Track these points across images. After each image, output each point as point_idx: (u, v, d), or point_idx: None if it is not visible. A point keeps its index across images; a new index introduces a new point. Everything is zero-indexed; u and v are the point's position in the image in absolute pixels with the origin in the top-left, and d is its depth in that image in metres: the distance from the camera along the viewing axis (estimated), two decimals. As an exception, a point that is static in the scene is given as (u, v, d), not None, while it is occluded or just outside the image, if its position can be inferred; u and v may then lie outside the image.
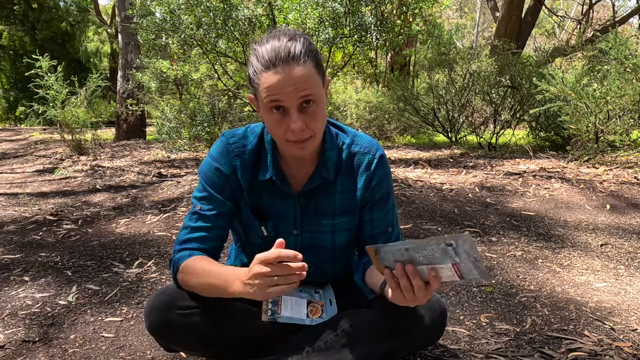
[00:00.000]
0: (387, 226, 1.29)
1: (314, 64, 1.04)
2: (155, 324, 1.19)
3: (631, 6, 21.49)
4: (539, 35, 22.01)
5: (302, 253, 1.29)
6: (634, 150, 4.43)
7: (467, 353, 1.50)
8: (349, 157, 1.24)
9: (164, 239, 2.72)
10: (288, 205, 1.24)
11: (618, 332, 1.62)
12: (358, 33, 5.02)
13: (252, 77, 1.07)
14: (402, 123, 7.91)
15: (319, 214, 1.25)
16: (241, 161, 1.21)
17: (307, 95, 1.03)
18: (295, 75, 1.01)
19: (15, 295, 2.00)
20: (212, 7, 4.90)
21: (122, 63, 8.66)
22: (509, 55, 6.59)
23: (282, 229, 1.26)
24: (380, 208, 1.27)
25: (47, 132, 11.26)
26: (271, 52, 1.02)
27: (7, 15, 17.10)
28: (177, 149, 6.03)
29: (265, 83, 1.03)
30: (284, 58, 1.01)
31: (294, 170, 1.23)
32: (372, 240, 1.28)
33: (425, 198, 3.43)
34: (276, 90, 1.02)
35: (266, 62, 1.02)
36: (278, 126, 1.06)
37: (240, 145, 1.21)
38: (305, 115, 1.05)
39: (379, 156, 1.24)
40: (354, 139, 1.26)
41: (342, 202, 1.25)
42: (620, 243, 2.54)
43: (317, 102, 1.06)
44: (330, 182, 1.23)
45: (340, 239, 1.30)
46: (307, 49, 1.04)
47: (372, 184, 1.24)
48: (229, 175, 1.21)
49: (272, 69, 1.01)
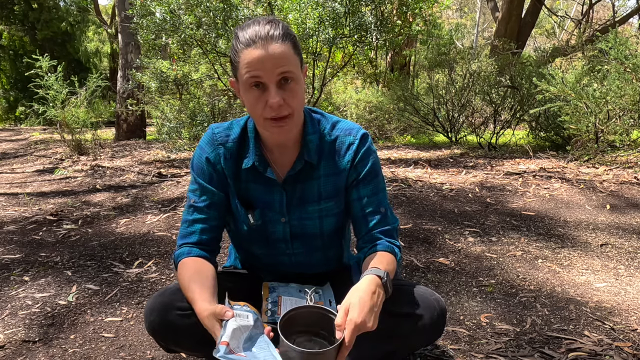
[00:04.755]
0: (379, 206, 1.27)
1: (291, 45, 1.09)
2: (154, 325, 1.19)
3: (631, 6, 21.49)
4: (539, 35, 22.00)
5: (292, 241, 1.30)
6: (634, 150, 4.43)
7: (467, 353, 1.50)
8: (331, 141, 1.26)
9: (164, 239, 2.72)
10: (274, 193, 1.26)
11: (618, 332, 1.62)
12: (358, 33, 5.03)
13: (233, 57, 1.11)
14: (402, 123, 7.91)
15: (305, 200, 1.26)
16: (224, 149, 1.24)
17: (285, 72, 1.07)
18: (274, 52, 1.05)
19: (15, 295, 2.00)
20: (212, 7, 4.90)
21: (122, 63, 8.66)
22: (509, 55, 6.59)
23: (269, 218, 1.27)
24: (366, 185, 1.26)
25: (47, 132, 11.27)
26: (252, 32, 1.06)
27: (7, 15, 17.10)
28: (177, 149, 6.03)
29: (245, 60, 1.06)
30: (263, 36, 1.05)
31: (277, 157, 1.25)
32: (365, 221, 1.26)
33: (425, 198, 3.43)
34: (256, 65, 1.05)
35: (246, 40, 1.06)
36: (257, 102, 1.09)
37: (224, 135, 1.25)
38: (283, 91, 1.08)
39: (361, 136, 1.26)
40: (335, 124, 1.28)
41: (326, 186, 1.26)
42: (620, 243, 2.54)
43: (295, 81, 1.09)
44: (313, 167, 1.24)
45: (328, 225, 1.30)
46: (286, 32, 1.08)
47: (354, 161, 1.25)
48: (215, 164, 1.24)
49: (252, 45, 1.06)
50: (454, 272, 2.19)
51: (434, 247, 2.51)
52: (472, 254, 2.41)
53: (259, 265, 1.39)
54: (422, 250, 2.48)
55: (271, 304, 1.26)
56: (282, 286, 1.33)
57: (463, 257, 2.37)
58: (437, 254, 2.43)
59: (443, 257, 2.38)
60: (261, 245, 1.33)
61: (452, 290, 2.00)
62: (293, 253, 1.33)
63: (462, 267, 2.24)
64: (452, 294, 1.96)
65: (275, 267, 1.37)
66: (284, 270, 1.37)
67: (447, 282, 2.09)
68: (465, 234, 2.70)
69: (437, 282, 2.09)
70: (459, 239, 2.62)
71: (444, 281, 2.10)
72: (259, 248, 1.34)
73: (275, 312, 1.24)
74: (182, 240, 1.26)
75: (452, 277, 2.13)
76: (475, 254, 2.41)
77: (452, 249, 2.48)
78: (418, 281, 2.10)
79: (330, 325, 1.04)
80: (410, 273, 2.18)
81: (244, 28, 1.09)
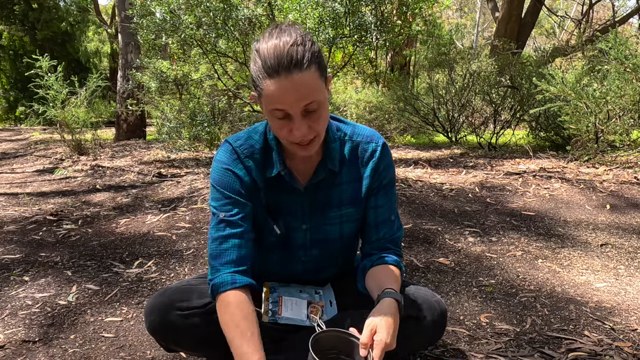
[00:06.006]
0: (391, 214, 1.30)
1: (316, 67, 1.03)
2: (154, 324, 1.19)
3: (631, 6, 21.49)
4: (539, 35, 22.01)
5: (311, 247, 1.29)
6: (634, 150, 4.43)
7: (467, 353, 1.50)
8: (352, 148, 1.26)
9: (164, 239, 2.72)
10: (295, 200, 1.25)
11: (618, 332, 1.62)
12: (358, 33, 5.02)
13: (255, 80, 1.05)
14: (402, 123, 7.90)
15: (326, 206, 1.26)
16: (253, 161, 1.21)
17: (310, 103, 1.03)
18: (298, 85, 1.00)
19: (15, 295, 2.00)
20: (212, 7, 4.90)
21: (122, 63, 8.66)
22: (509, 55, 6.58)
23: (291, 225, 1.27)
24: (385, 194, 1.28)
25: (47, 132, 11.26)
26: (273, 57, 1.00)
27: (7, 15, 17.10)
28: (177, 149, 6.03)
29: (267, 91, 1.02)
30: (286, 65, 0.99)
31: (299, 164, 1.24)
32: (376, 229, 1.28)
33: (425, 198, 3.43)
34: (279, 100, 1.02)
35: (269, 68, 1.00)
36: (281, 129, 1.07)
37: (248, 146, 1.21)
38: (308, 119, 1.05)
39: (382, 144, 1.26)
40: (354, 129, 1.27)
41: (347, 192, 1.26)
42: (620, 243, 2.53)
43: (320, 106, 1.05)
44: (335, 174, 1.24)
45: (348, 230, 1.30)
46: (310, 52, 1.01)
47: (379, 170, 1.26)
48: (242, 177, 1.20)
49: (274, 77, 1.00)
50: (454, 272, 2.19)
51: (434, 247, 2.51)
52: (472, 254, 2.41)
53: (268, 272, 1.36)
54: (422, 250, 2.48)
55: (272, 304, 1.26)
56: (282, 286, 1.33)
57: (463, 257, 2.37)
58: (437, 254, 2.43)
59: (443, 257, 2.38)
60: (280, 252, 1.31)
61: (452, 290, 2.00)
62: (308, 260, 1.32)
63: (462, 267, 2.24)
64: (452, 294, 1.96)
65: (282, 276, 1.36)
66: (292, 277, 1.36)
67: (447, 282, 2.09)
68: (465, 234, 2.70)
69: (437, 282, 2.09)
70: (459, 239, 2.62)
71: (444, 281, 2.10)
72: (276, 255, 1.32)
73: (276, 312, 1.24)
74: (219, 261, 1.17)
75: (452, 277, 2.13)
76: (475, 254, 2.41)
77: (452, 249, 2.48)
78: (418, 281, 2.10)
79: (348, 348, 1.09)
80: (410, 273, 2.18)
81: (264, 42, 1.02)
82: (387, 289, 1.13)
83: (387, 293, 1.11)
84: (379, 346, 1.01)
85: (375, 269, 1.24)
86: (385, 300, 1.10)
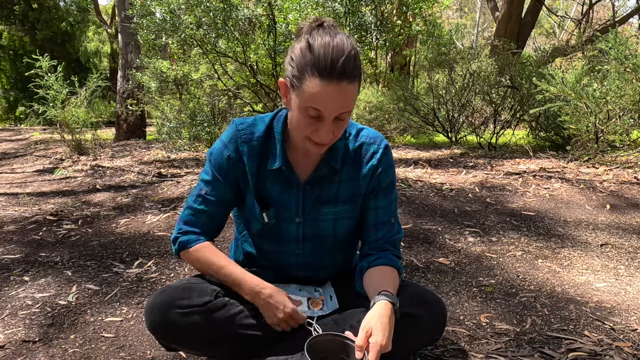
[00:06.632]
0: (391, 216, 1.32)
1: (359, 81, 1.07)
2: (155, 323, 1.20)
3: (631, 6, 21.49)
4: (539, 35, 22.01)
5: (303, 241, 1.31)
6: (634, 150, 4.43)
7: (467, 353, 1.50)
8: (356, 148, 1.28)
9: (164, 239, 2.72)
10: (291, 193, 1.26)
11: (618, 332, 1.62)
12: (358, 33, 5.03)
13: (298, 73, 1.05)
14: (402, 123, 7.90)
15: (322, 202, 1.27)
16: (248, 147, 1.24)
17: (345, 112, 1.07)
18: (343, 94, 1.03)
19: (15, 295, 2.00)
20: (212, 7, 4.90)
21: (122, 63, 8.66)
22: (509, 55, 6.59)
23: (283, 217, 1.28)
24: (385, 196, 1.30)
25: (47, 132, 11.27)
26: (329, 60, 1.00)
27: (7, 15, 17.11)
28: (177, 149, 6.03)
29: (310, 88, 1.03)
30: (339, 72, 1.00)
31: (301, 158, 1.26)
32: (375, 230, 1.30)
33: (425, 198, 3.44)
34: (320, 102, 1.03)
35: (321, 69, 1.01)
36: (307, 127, 1.09)
37: (248, 132, 1.25)
38: (335, 125, 1.09)
39: (384, 146, 1.28)
40: (359, 130, 1.30)
41: (345, 190, 1.28)
42: (620, 243, 2.54)
43: (349, 113, 1.10)
44: (336, 171, 1.26)
45: (341, 228, 1.31)
46: (359, 67, 1.05)
47: (377, 171, 1.27)
48: (236, 161, 1.25)
49: (325, 79, 1.01)
50: (454, 272, 2.19)
51: (434, 247, 2.51)
52: (472, 254, 2.41)
53: (264, 264, 1.38)
54: (422, 250, 2.48)
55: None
56: (282, 285, 1.33)
57: (463, 257, 2.37)
58: (437, 254, 2.43)
59: (443, 257, 2.38)
60: (272, 243, 1.33)
61: (452, 290, 2.00)
62: (302, 254, 1.33)
63: (462, 267, 2.24)
64: (452, 294, 1.96)
65: (281, 267, 1.37)
66: (290, 272, 1.37)
67: (447, 282, 2.09)
68: (465, 234, 2.70)
69: (437, 282, 2.09)
70: (459, 239, 2.62)
71: (444, 281, 2.10)
72: (269, 245, 1.34)
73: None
74: (186, 227, 1.29)
75: (452, 277, 2.13)
76: (475, 254, 2.41)
77: (452, 249, 2.48)
78: (418, 281, 2.10)
79: (344, 351, 1.10)
80: (410, 273, 2.18)
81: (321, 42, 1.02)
82: (382, 291, 1.13)
83: (382, 295, 1.12)
84: (375, 348, 1.01)
85: (373, 270, 1.25)
86: (380, 302, 1.10)
